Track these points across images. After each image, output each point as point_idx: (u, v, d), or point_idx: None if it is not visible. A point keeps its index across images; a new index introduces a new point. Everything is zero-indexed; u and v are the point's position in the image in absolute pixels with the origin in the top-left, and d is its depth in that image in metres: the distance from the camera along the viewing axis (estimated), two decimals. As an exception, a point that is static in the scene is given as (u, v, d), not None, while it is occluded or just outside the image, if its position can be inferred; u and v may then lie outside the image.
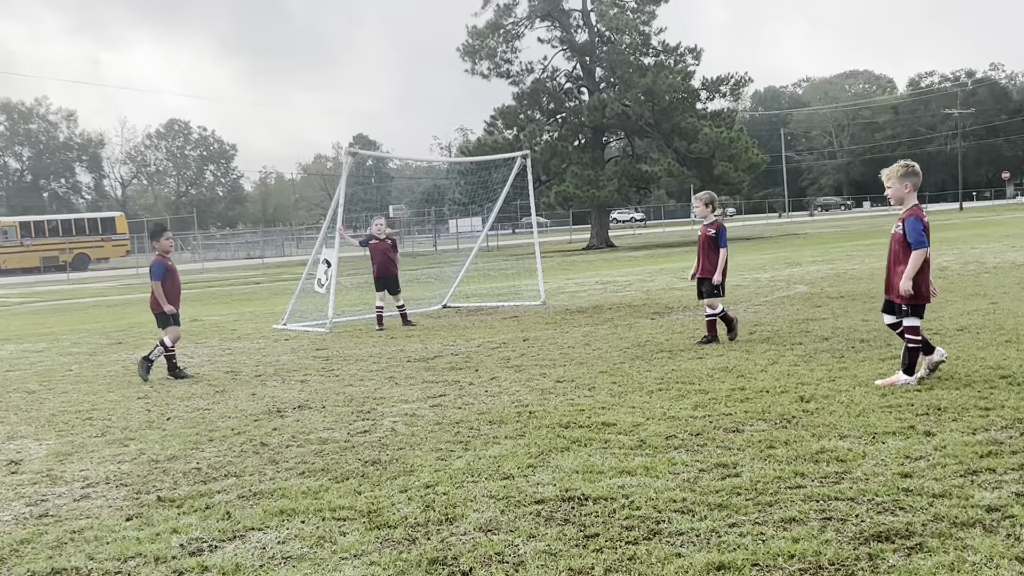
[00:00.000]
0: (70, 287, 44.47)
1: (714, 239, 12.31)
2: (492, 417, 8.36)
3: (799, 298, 17.23)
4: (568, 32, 58.78)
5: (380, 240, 17.34)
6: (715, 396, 8.66)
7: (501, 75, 58.30)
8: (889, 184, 8.76)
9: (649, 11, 57.84)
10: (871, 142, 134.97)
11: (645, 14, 57.75)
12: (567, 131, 58.83)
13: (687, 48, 58.03)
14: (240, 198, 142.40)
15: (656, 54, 57.75)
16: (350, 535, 5.33)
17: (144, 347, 15.83)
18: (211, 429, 8.68)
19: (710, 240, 12.32)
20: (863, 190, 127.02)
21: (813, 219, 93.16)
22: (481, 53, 57.82)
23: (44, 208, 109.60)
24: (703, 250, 12.41)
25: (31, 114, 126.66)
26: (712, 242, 12.31)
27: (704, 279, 12.34)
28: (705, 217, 12.53)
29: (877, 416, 7.36)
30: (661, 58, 57.37)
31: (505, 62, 58.28)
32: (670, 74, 54.92)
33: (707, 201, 12.49)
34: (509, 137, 55.64)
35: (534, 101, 57.97)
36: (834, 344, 11.38)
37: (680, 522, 5.19)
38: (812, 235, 53.28)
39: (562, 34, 58.87)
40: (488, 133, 58.75)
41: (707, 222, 12.47)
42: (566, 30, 58.74)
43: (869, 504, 5.29)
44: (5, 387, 12.14)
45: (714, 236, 12.32)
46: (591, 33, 58.75)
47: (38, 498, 6.59)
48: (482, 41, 57.62)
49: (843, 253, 30.75)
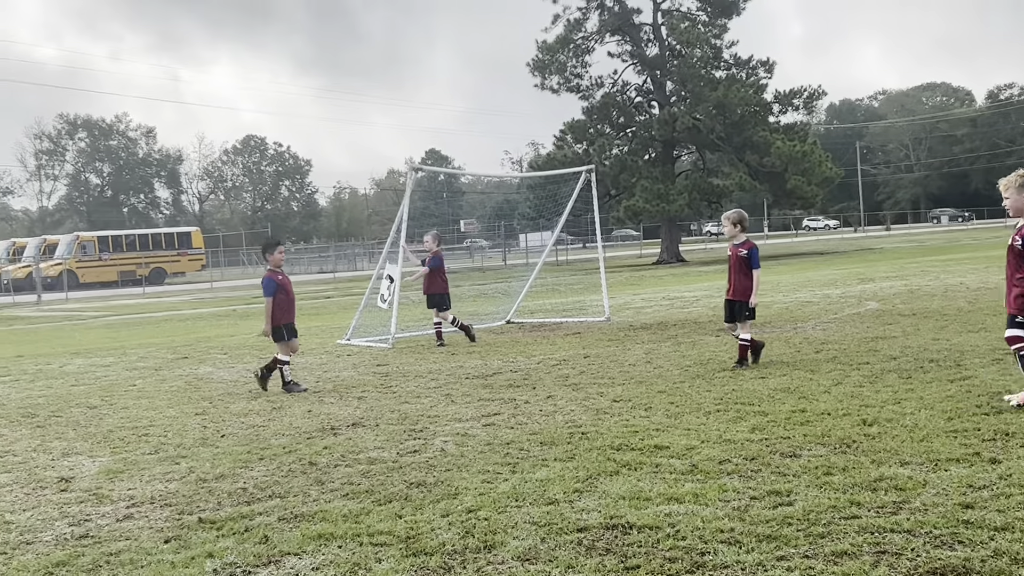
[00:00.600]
0: (145, 301, 45.23)
1: (746, 260, 11.86)
2: (544, 438, 8.20)
3: (869, 315, 16.80)
4: (638, 46, 58.52)
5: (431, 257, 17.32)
6: (774, 418, 8.40)
7: (571, 89, 58.21)
8: (1007, 195, 8.24)
9: (721, 24, 57.43)
10: (949, 155, 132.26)
11: (716, 27, 57.33)
12: (637, 145, 58.52)
13: (759, 61, 57.45)
14: (314, 213, 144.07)
15: (728, 67, 57.21)
16: (385, 562, 5.21)
17: (208, 361, 15.97)
18: (263, 447, 8.64)
19: (742, 261, 11.89)
20: (940, 204, 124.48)
21: (889, 233, 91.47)
22: (551, 68, 57.78)
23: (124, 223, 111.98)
24: (735, 271, 11.99)
25: (111, 131, 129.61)
26: (744, 263, 11.87)
27: (735, 301, 11.95)
28: (734, 237, 12.08)
29: (941, 441, 7.07)
30: (733, 71, 56.80)
31: (575, 76, 58.19)
32: (742, 87, 54.34)
33: (735, 220, 12.06)
34: (579, 151, 55.46)
35: (604, 115, 57.77)
36: (902, 364, 11.02)
37: (726, 554, 4.99)
38: (888, 250, 52.28)
39: (632, 48, 58.64)
40: (558, 147, 58.60)
41: (737, 242, 12.02)
42: (636, 44, 58.49)
43: (926, 537, 5.04)
44: (68, 402, 12.26)
45: (746, 257, 11.86)
46: (662, 47, 58.42)
47: (82, 518, 6.57)
48: (552, 56, 57.58)
49: (918, 269, 30.04)
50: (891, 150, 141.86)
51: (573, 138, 57.76)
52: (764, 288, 25.85)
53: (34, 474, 8.06)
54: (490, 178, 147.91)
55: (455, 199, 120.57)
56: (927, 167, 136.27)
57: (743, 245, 11.95)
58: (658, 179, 55.27)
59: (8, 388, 13.85)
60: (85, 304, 44.92)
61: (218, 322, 27.70)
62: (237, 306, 36.16)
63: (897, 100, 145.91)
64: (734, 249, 12.05)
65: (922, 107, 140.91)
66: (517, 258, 65.20)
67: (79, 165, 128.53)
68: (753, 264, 11.83)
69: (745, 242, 11.99)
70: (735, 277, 11.99)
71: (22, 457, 8.82)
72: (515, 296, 22.13)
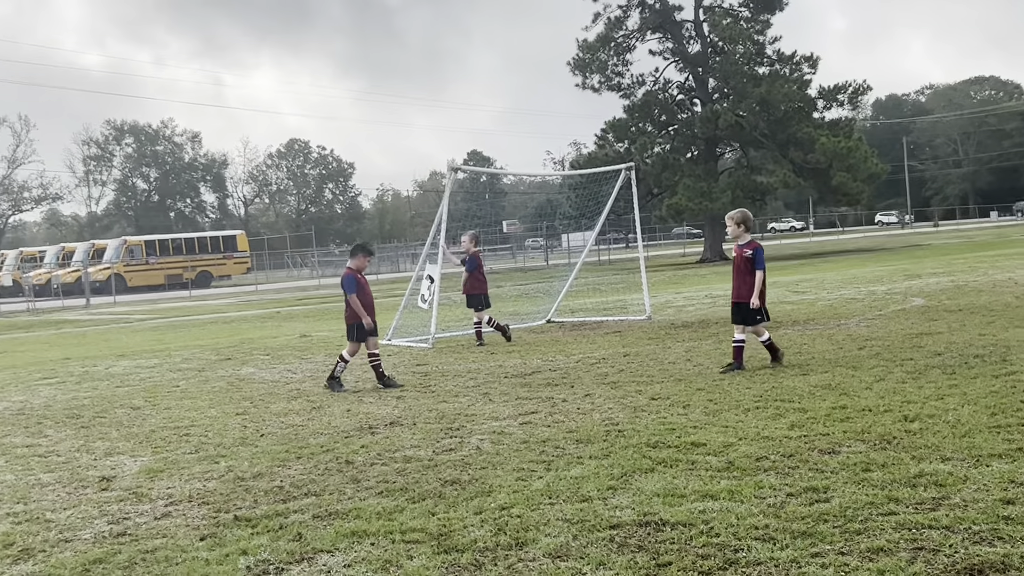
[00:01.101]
0: (191, 304, 45.68)
1: (750, 260, 11.51)
2: (580, 436, 8.17)
3: (915, 311, 16.59)
4: (680, 43, 58.18)
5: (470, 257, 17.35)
6: (814, 415, 8.31)
7: (612, 88, 58.02)
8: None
9: (763, 20, 56.94)
10: (998, 150, 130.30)
11: (759, 23, 56.85)
12: (679, 143, 58.20)
13: (803, 56, 56.80)
14: (358, 215, 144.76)
15: (771, 63, 56.69)
16: (417, 559, 5.21)
17: (251, 363, 16.09)
18: (301, 446, 8.68)
19: (746, 261, 11.55)
20: (989, 199, 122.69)
21: (937, 230, 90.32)
22: (592, 67, 57.63)
23: (170, 227, 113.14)
24: (739, 272, 11.65)
25: (158, 136, 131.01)
26: (748, 264, 11.52)
27: (740, 303, 11.62)
28: (738, 237, 11.71)
29: (984, 437, 6.95)
30: (776, 67, 56.28)
31: (616, 75, 57.99)
32: (785, 83, 53.85)
33: (739, 220, 11.69)
34: (620, 150, 55.22)
35: (645, 113, 57.49)
36: (946, 360, 10.86)
37: (760, 551, 4.93)
38: (935, 246, 51.61)
39: (674, 45, 58.30)
40: (599, 146, 58.42)
41: (742, 242, 11.65)
42: (678, 41, 58.17)
43: (965, 533, 4.95)
44: (112, 403, 12.39)
45: (750, 257, 11.52)
46: (703, 44, 58.02)
47: (121, 516, 6.64)
48: (593, 55, 57.43)
49: (965, 265, 29.61)
50: (938, 145, 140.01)
51: (615, 137, 57.53)
52: (808, 285, 25.67)
53: (76, 473, 8.15)
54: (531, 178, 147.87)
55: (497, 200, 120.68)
56: (975, 162, 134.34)
57: (748, 245, 11.63)
58: (701, 177, 54.92)
59: (54, 390, 14.03)
60: (132, 307, 45.45)
61: (262, 324, 27.89)
62: (281, 308, 36.42)
63: (944, 95, 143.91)
64: (739, 250, 11.70)
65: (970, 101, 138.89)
66: (559, 258, 65.13)
67: (126, 170, 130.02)
68: (758, 265, 11.47)
69: (750, 242, 11.69)
70: (740, 278, 11.66)
71: (65, 457, 8.93)
72: (556, 296, 22.10)
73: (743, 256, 11.60)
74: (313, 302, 39.18)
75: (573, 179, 48.14)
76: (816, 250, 59.73)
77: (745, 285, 11.56)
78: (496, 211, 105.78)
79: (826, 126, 55.37)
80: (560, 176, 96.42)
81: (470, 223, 28.57)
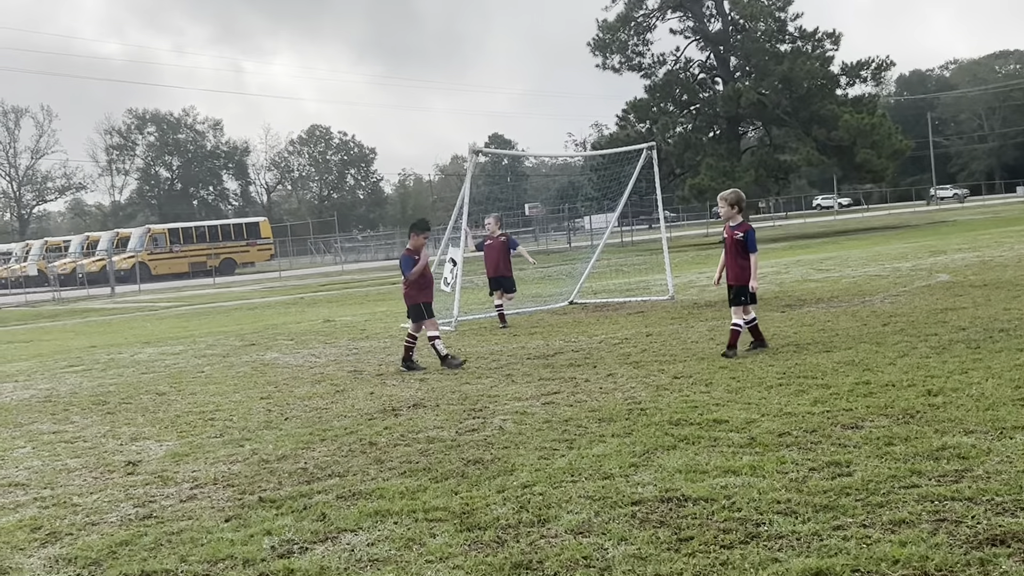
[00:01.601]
0: (215, 291, 45.93)
1: (742, 243, 11.21)
2: (602, 415, 8.18)
3: (939, 287, 16.49)
4: (701, 22, 57.84)
5: (495, 239, 17.34)
6: (837, 391, 8.29)
7: (633, 68, 57.78)
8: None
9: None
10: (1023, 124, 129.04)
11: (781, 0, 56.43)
12: (701, 122, 57.92)
13: (825, 33, 56.36)
14: (380, 200, 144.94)
15: (793, 40, 56.28)
16: (440, 537, 5.24)
17: (275, 348, 16.17)
18: (325, 429, 8.73)
19: (737, 244, 11.24)
20: (1016, 175, 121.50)
21: (963, 206, 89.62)
22: (612, 47, 57.40)
23: (193, 215, 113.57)
24: (731, 254, 11.35)
25: (179, 124, 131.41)
26: (740, 246, 11.22)
27: (734, 286, 11.32)
28: (730, 219, 11.40)
29: (1008, 410, 6.91)
30: (798, 44, 55.86)
31: (636, 55, 57.74)
32: (808, 60, 53.49)
33: (732, 201, 11.43)
34: (642, 130, 54.96)
35: (667, 93, 57.22)
36: (971, 335, 10.79)
37: (781, 525, 4.93)
38: (961, 222, 51.21)
39: (695, 24, 57.97)
40: (620, 127, 58.20)
41: (733, 224, 11.35)
42: (698, 20, 57.82)
43: (988, 505, 4.93)
44: (138, 389, 12.49)
45: (742, 239, 11.22)
46: (724, 22, 57.66)
47: (147, 499, 6.70)
48: (613, 35, 57.19)
49: (991, 240, 29.38)
50: (963, 120, 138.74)
51: (636, 117, 57.31)
52: (832, 263, 25.55)
53: (103, 458, 8.23)
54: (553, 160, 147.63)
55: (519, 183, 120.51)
56: (1001, 137, 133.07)
57: (739, 227, 11.34)
58: (723, 156, 54.63)
59: (81, 377, 14.15)
60: (157, 295, 45.75)
61: (286, 310, 28.03)
62: (305, 294, 36.57)
63: (969, 69, 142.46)
64: (730, 231, 11.42)
65: (995, 76, 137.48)
66: (582, 240, 65.02)
67: (149, 159, 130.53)
68: (750, 247, 11.20)
69: (741, 224, 11.39)
70: (731, 261, 11.37)
71: (92, 443, 9.01)
72: (578, 277, 22.07)
73: (734, 238, 11.31)
74: (336, 288, 39.34)
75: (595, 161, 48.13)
76: (840, 228, 59.38)
77: (739, 268, 11.27)
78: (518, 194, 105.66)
79: (849, 103, 54.96)
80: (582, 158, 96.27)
81: (492, 206, 28.52)
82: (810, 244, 42.32)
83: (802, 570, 4.30)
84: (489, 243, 17.40)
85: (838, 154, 53.85)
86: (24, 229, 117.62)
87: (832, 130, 52.20)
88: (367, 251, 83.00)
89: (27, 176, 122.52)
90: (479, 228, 21.61)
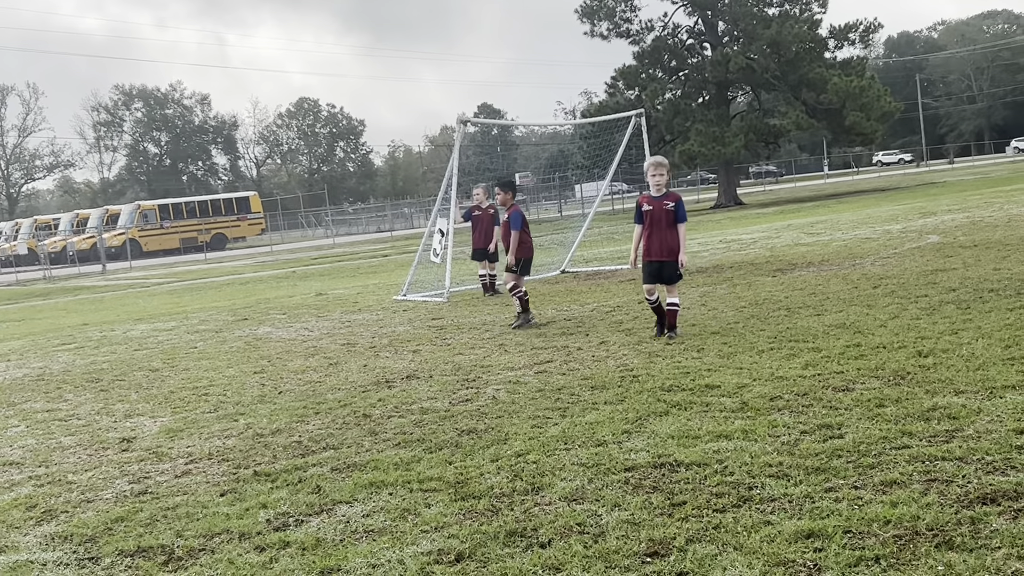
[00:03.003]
0: (207, 267, 45.84)
1: (672, 212, 10.42)
2: (595, 382, 8.21)
3: (930, 249, 16.53)
4: (688, -14, 57.54)
5: (483, 210, 17.28)
6: (828, 354, 8.32)
7: (621, 35, 57.48)
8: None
9: (771, -41, 56.24)
10: (1012, 84, 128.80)
11: (767, -38, 56.16)
12: (690, 88, 57.73)
13: (812, -5, 56.16)
14: (370, 173, 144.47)
15: (780, 3, 56.03)
16: (434, 507, 5.27)
17: (268, 322, 16.16)
18: (319, 401, 8.75)
19: (667, 214, 10.43)
20: (1005, 135, 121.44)
21: (953, 167, 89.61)
22: (600, 14, 57.09)
23: (183, 191, 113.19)
24: (660, 227, 10.46)
25: (167, 100, 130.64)
26: (670, 216, 10.43)
27: (663, 262, 10.50)
28: (661, 188, 10.54)
29: (997, 369, 6.95)
30: (786, 7, 55.66)
31: (624, 21, 57.40)
32: (796, 23, 53.29)
33: (668, 169, 10.82)
34: (631, 97, 54.80)
35: (655, 59, 57.01)
36: (961, 295, 10.84)
37: (773, 488, 4.97)
38: (951, 183, 51.22)
39: (682, -11, 57.68)
40: (610, 95, 57.99)
41: (659, 195, 10.52)
42: (686, -16, 57.52)
43: (978, 464, 4.97)
44: (131, 366, 12.49)
45: (672, 210, 10.42)
46: (712, -14, 57.37)
47: (141, 475, 6.72)
48: (600, 1, 56.89)
49: (981, 200, 29.41)
50: (952, 81, 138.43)
51: (625, 84, 57.10)
52: (823, 226, 25.57)
53: (97, 436, 8.24)
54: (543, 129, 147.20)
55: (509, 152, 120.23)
56: (990, 97, 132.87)
57: (668, 197, 10.55)
58: (713, 122, 54.51)
59: (73, 355, 14.14)
60: (149, 272, 45.64)
61: (277, 284, 27.99)
62: (297, 268, 36.52)
63: (957, 30, 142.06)
64: (658, 203, 10.52)
65: (983, 36, 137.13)
66: (573, 209, 64.96)
67: (137, 135, 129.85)
68: (680, 217, 10.46)
69: (669, 193, 10.64)
70: (661, 234, 10.48)
71: (86, 420, 9.02)
72: (570, 246, 22.07)
73: (664, 208, 10.48)
74: (328, 261, 39.27)
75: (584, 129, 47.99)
76: (830, 192, 59.37)
77: (668, 241, 10.49)
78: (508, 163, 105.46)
79: (838, 66, 54.82)
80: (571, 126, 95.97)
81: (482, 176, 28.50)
82: (801, 208, 42.32)
83: (794, 532, 4.33)
84: (477, 214, 17.35)
85: (827, 117, 53.77)
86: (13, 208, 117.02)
87: (821, 93, 52.09)
88: (358, 224, 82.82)
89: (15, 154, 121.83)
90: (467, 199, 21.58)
